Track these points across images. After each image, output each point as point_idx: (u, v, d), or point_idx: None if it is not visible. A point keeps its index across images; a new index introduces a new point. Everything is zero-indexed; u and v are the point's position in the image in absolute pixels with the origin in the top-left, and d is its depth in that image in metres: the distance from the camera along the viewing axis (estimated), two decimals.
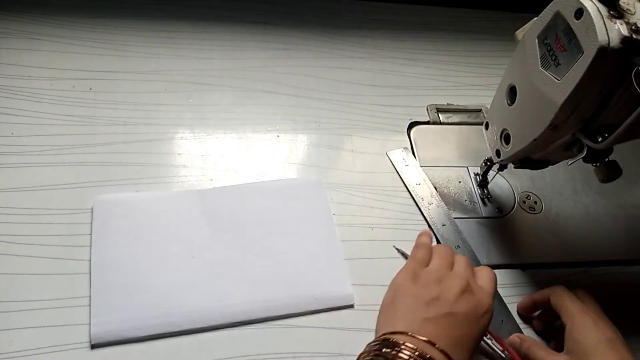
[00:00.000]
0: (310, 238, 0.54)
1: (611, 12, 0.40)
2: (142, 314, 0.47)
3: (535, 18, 0.46)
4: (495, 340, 0.49)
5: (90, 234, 0.50)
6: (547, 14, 0.44)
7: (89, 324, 0.46)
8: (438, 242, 0.56)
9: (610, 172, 0.47)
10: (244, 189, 0.57)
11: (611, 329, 0.47)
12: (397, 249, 0.55)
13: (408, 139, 0.65)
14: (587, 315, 0.47)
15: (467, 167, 0.64)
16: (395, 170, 0.61)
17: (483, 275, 0.46)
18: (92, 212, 0.52)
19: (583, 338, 0.45)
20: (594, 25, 0.39)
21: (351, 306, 0.51)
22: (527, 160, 0.52)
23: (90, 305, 0.46)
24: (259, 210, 0.55)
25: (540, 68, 0.45)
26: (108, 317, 0.46)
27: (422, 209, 0.58)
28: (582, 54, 0.40)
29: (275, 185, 0.57)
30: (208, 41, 0.68)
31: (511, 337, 0.50)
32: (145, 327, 0.46)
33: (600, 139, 0.44)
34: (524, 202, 0.62)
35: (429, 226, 0.57)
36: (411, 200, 0.60)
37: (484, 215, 0.60)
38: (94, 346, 0.45)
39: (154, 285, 0.48)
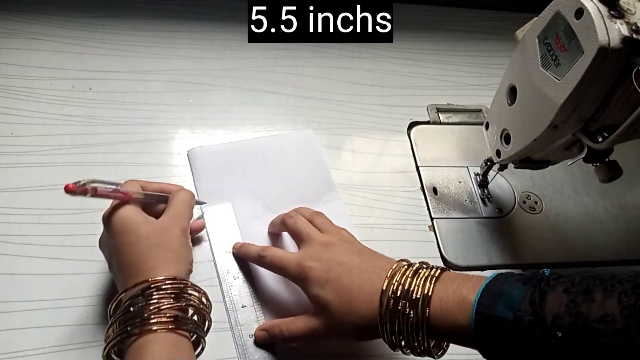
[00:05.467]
0: None
1: (611, 12, 0.40)
2: None
3: (536, 18, 0.46)
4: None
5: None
6: (547, 14, 0.44)
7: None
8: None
9: (610, 172, 0.47)
10: None
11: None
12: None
13: (408, 139, 0.65)
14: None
15: (467, 167, 0.64)
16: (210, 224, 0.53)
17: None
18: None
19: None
20: (594, 25, 0.39)
21: None
22: (528, 160, 0.52)
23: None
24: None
25: (541, 68, 0.45)
26: None
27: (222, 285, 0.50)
28: (583, 53, 0.40)
29: None
30: (208, 41, 0.68)
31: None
32: None
33: (600, 139, 0.44)
34: (524, 202, 0.62)
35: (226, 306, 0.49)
36: (411, 200, 0.60)
37: (484, 216, 0.60)
38: None
39: None
